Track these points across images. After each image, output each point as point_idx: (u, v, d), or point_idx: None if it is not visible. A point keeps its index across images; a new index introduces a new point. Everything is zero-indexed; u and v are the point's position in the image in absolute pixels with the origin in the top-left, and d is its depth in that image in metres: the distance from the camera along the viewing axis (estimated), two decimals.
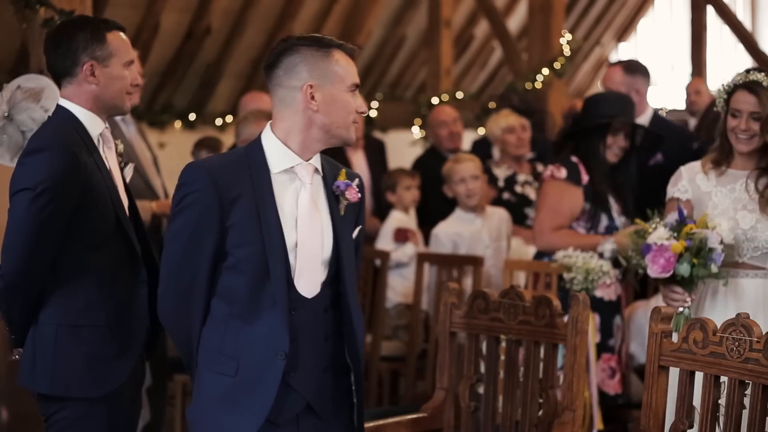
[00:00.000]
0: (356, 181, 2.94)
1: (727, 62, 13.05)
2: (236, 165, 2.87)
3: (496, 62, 10.92)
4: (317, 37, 2.89)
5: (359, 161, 6.74)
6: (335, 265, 2.90)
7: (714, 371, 2.76)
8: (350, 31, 8.91)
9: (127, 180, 3.45)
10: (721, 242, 3.62)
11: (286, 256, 2.84)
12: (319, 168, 2.91)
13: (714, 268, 3.60)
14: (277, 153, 2.85)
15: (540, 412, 3.28)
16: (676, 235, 3.65)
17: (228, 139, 7.01)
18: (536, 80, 7.99)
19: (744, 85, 3.66)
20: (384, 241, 5.79)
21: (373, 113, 8.87)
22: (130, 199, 3.39)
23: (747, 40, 10.40)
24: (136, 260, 3.28)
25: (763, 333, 2.69)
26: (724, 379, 2.77)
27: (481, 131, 8.29)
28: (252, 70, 8.52)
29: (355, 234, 2.96)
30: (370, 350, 5.09)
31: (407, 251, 5.64)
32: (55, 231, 3.12)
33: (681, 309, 3.62)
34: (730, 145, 3.72)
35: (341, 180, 2.91)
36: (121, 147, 3.48)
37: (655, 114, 5.50)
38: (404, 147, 8.32)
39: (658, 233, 3.66)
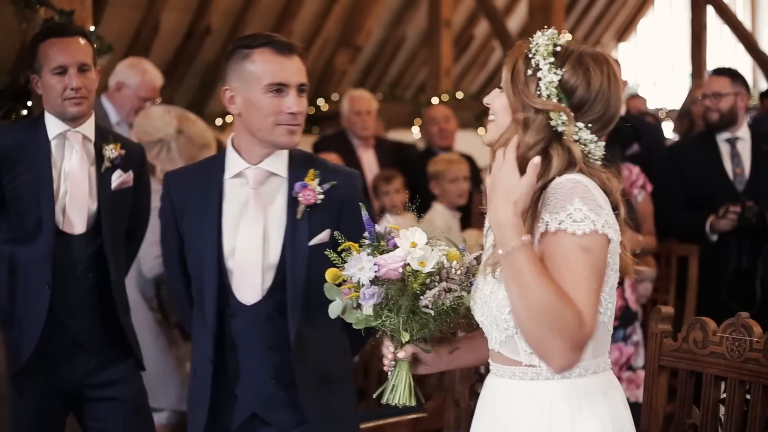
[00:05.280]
0: (316, 182, 2.79)
1: (727, 62, 13.05)
2: (195, 173, 2.93)
3: (496, 62, 10.92)
4: (246, 37, 2.82)
5: (369, 161, 6.75)
6: (281, 271, 2.78)
7: (714, 371, 2.75)
8: (350, 31, 8.91)
9: (113, 186, 3.51)
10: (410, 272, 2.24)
11: (221, 262, 2.79)
12: (279, 171, 2.83)
13: (368, 310, 2.24)
14: (231, 158, 2.85)
15: None
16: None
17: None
18: None
19: None
20: None
21: None
22: (106, 206, 3.49)
23: (747, 40, 10.39)
24: (47, 262, 3.40)
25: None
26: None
27: (481, 131, 8.30)
28: None
29: (321, 238, 2.78)
30: (370, 350, 5.08)
31: None
32: None
33: (388, 371, 2.36)
34: None
35: (299, 182, 2.80)
36: (111, 152, 3.52)
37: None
38: None
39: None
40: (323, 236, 2.79)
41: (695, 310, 5.04)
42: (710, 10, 10.79)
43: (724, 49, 13.38)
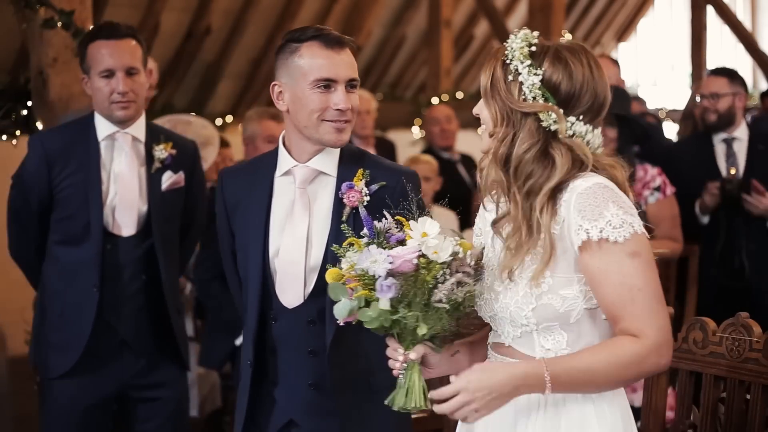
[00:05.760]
0: (363, 183, 2.69)
1: (727, 62, 13.05)
2: (249, 169, 2.86)
3: None
4: (296, 30, 2.72)
5: None
6: (324, 275, 2.59)
7: (714, 371, 2.75)
8: (350, 31, 8.90)
9: (163, 187, 3.50)
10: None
11: (266, 263, 2.72)
12: (328, 170, 2.73)
13: (384, 304, 2.15)
14: (281, 155, 2.78)
15: None
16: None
17: (229, 139, 7.01)
18: None
19: None
20: None
21: None
22: (156, 207, 3.51)
23: (747, 40, 10.39)
24: (96, 264, 3.41)
25: None
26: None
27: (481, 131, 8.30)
28: (252, 70, 8.52)
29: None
30: None
31: None
32: (25, 219, 3.47)
33: (399, 375, 2.24)
34: None
35: (346, 183, 2.69)
36: (161, 153, 3.51)
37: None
38: (404, 147, 8.32)
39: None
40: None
41: (695, 310, 5.04)
42: (710, 10, 10.79)
43: (724, 49, 13.38)
